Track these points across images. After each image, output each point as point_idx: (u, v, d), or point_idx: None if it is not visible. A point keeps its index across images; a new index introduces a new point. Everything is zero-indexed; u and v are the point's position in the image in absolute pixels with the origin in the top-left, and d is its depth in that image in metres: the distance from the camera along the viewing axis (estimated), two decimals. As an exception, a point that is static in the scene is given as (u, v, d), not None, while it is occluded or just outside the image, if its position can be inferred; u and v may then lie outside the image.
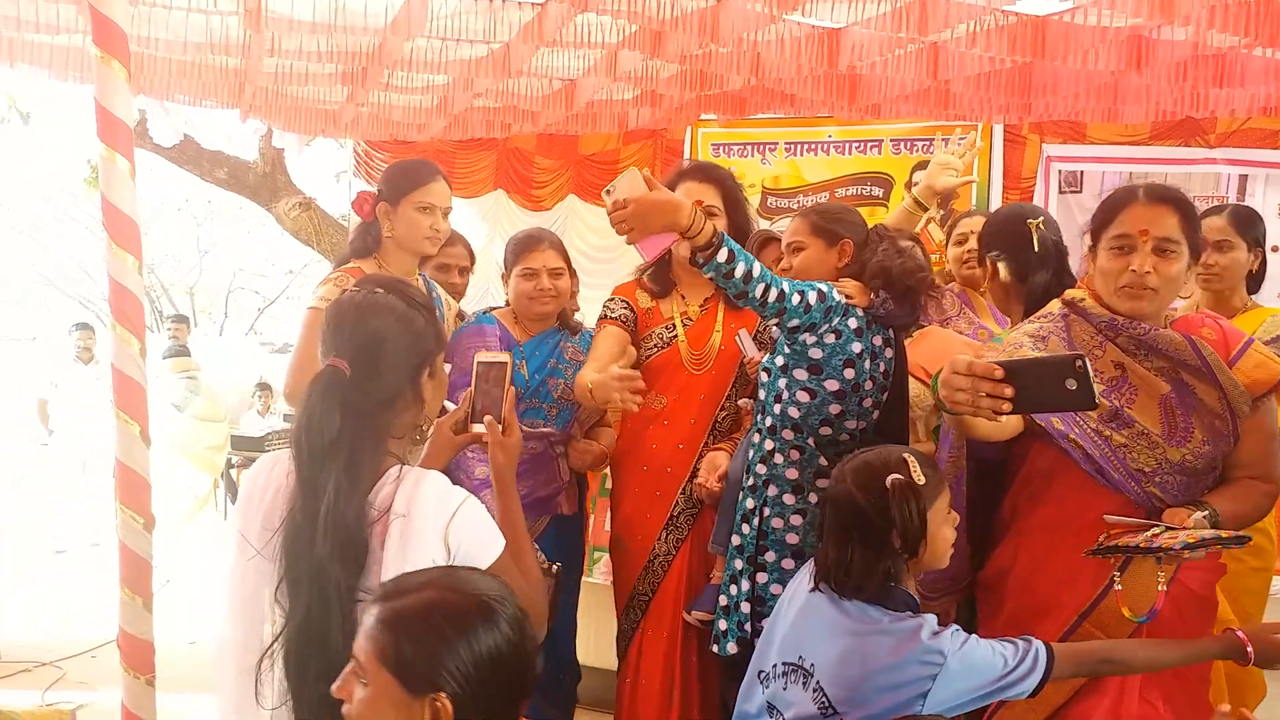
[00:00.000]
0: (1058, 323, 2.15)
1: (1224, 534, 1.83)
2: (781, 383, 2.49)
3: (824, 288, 2.40)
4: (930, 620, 1.82)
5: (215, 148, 7.98)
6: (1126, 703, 2.00)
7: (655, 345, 2.87)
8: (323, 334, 1.71)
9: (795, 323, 2.37)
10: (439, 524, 1.59)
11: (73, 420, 7.30)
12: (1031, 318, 2.23)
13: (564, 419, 2.96)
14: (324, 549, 1.54)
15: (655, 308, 2.90)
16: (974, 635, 1.83)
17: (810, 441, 2.48)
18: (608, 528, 3.32)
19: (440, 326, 1.80)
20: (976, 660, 1.79)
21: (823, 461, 2.48)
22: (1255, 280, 3.00)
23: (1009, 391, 1.64)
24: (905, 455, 1.86)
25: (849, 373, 2.43)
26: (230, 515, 1.99)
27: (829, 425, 2.46)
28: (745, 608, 2.51)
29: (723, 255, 2.19)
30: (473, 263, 3.57)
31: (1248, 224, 2.94)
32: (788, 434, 2.50)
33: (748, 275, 2.22)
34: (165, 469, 5.47)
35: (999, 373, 1.64)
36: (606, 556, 3.58)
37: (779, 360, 2.50)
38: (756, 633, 2.44)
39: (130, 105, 2.51)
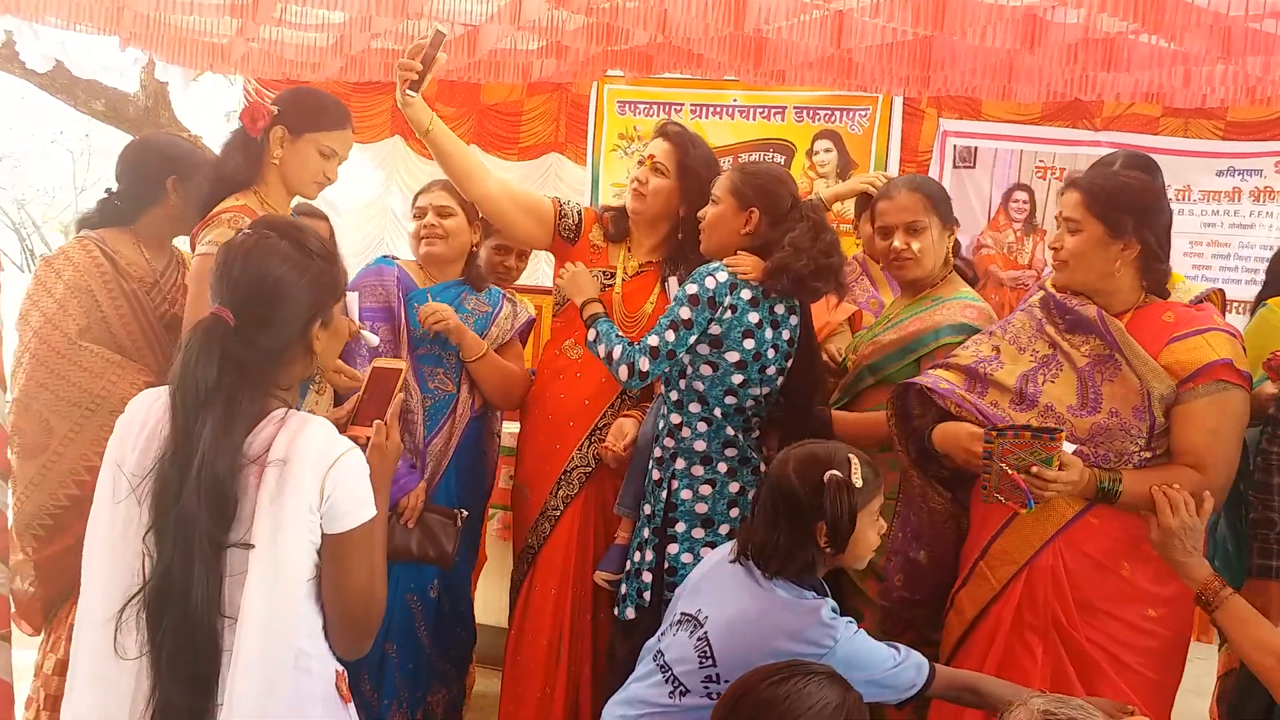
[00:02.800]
0: (1033, 310, 2.32)
1: (1033, 425, 2.07)
2: (685, 357, 2.48)
3: (695, 290, 2.40)
4: (830, 604, 1.90)
5: (91, 76, 7.52)
6: None
7: None
8: (210, 279, 1.63)
9: (696, 337, 2.44)
10: (318, 470, 1.54)
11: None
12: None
13: (459, 367, 2.90)
14: (193, 501, 1.48)
15: (604, 249, 2.86)
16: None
17: (717, 412, 2.49)
18: (503, 485, 3.29)
19: (337, 274, 1.73)
20: (865, 650, 1.88)
21: (729, 431, 2.49)
22: None
23: None
24: (850, 455, 1.93)
25: (749, 343, 2.44)
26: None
27: (733, 394, 2.47)
28: (646, 577, 2.53)
29: (590, 334, 2.47)
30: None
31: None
32: (694, 406, 2.51)
33: (607, 356, 2.44)
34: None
35: None
36: (500, 514, 3.56)
37: None
38: (665, 602, 2.44)
39: (-8, 21, 2.32)
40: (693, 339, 2.42)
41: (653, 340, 2.42)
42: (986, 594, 2.23)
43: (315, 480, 1.54)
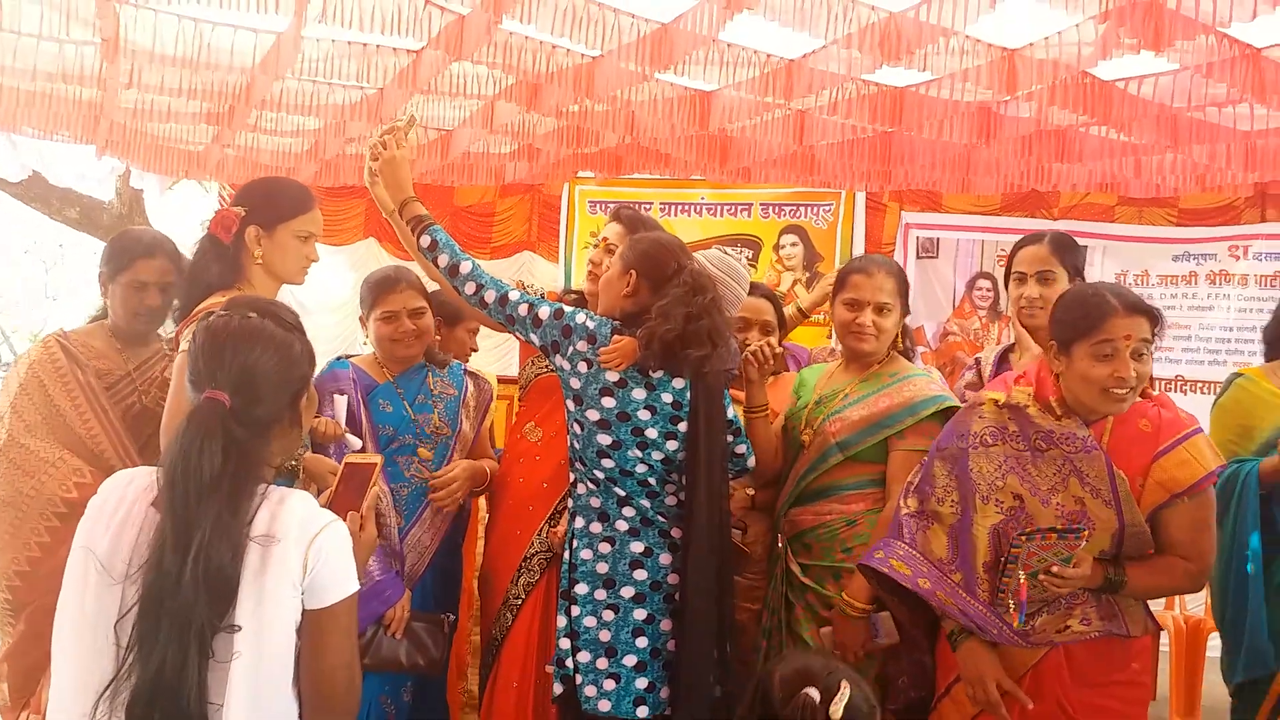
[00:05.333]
0: (995, 428, 2.27)
1: (1058, 527, 2.07)
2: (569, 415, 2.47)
3: (567, 310, 2.41)
4: None
5: (67, 185, 7.58)
6: None
7: (547, 365, 2.82)
8: (193, 365, 1.62)
9: (534, 339, 2.44)
10: (301, 543, 1.53)
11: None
12: (972, 409, 2.32)
13: (440, 455, 2.88)
14: (191, 591, 1.45)
15: None
16: None
17: (597, 474, 2.42)
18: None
19: (311, 346, 1.75)
20: None
21: (620, 492, 2.41)
22: None
23: None
24: (844, 681, 1.67)
25: (608, 401, 2.36)
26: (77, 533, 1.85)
27: (607, 457, 2.39)
28: (565, 644, 2.44)
29: (425, 240, 2.48)
30: None
31: (1070, 252, 2.74)
32: (578, 465, 2.47)
33: (453, 268, 2.45)
34: None
35: None
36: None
37: None
38: (578, 668, 2.40)
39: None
40: (530, 333, 2.43)
41: (513, 296, 2.45)
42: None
43: (298, 554, 1.52)
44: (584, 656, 2.40)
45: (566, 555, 2.48)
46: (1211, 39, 2.97)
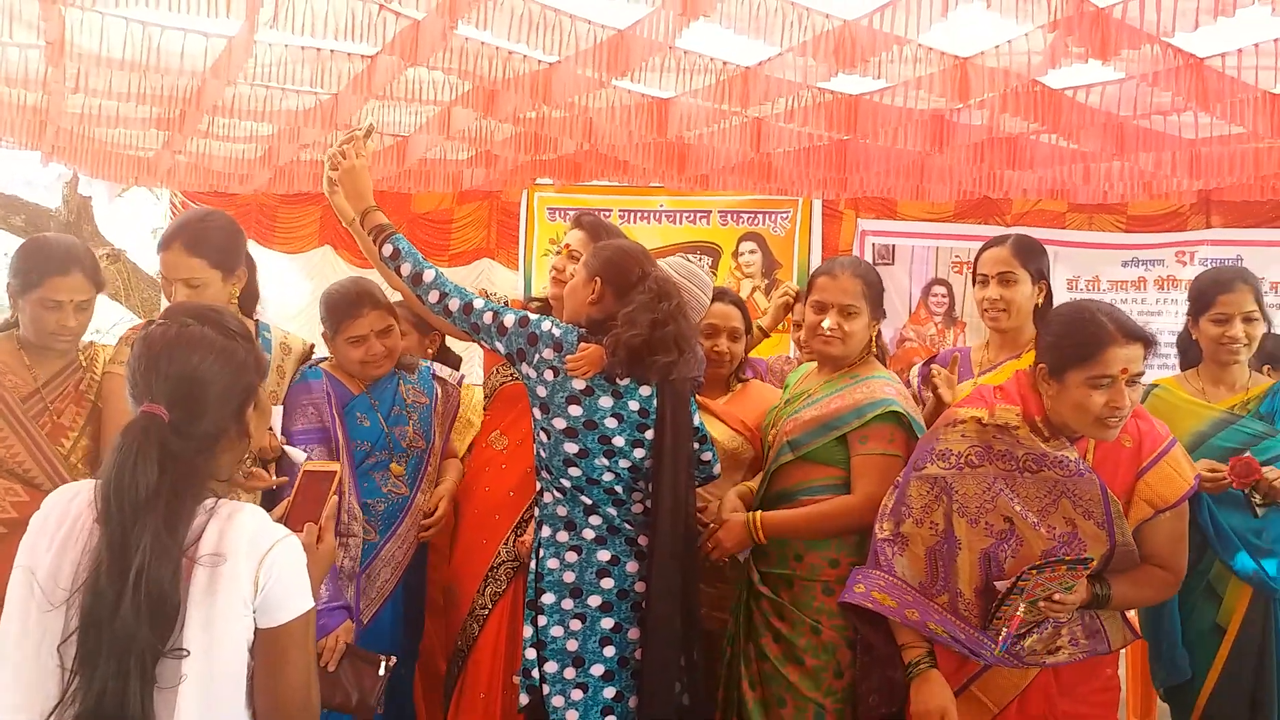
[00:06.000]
0: (980, 447, 2.21)
1: (1067, 558, 2.04)
2: (535, 424, 2.46)
3: (532, 318, 2.41)
4: None
5: (12, 192, 7.43)
6: None
7: (512, 373, 2.80)
8: (130, 378, 1.56)
9: (500, 348, 2.43)
10: (251, 560, 1.47)
11: None
12: (952, 427, 2.26)
13: (412, 470, 2.83)
14: (131, 616, 1.39)
15: None
16: None
17: (564, 482, 2.41)
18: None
19: (261, 354, 1.68)
20: None
21: (587, 500, 2.40)
22: (1042, 315, 2.70)
23: None
24: None
25: (574, 409, 2.36)
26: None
27: (574, 466, 2.39)
28: (531, 654, 2.42)
29: (387, 250, 2.47)
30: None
31: (1032, 255, 2.74)
32: (545, 474, 2.46)
33: (416, 277, 2.44)
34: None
35: None
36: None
37: None
38: (545, 679, 2.38)
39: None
40: (495, 341, 2.43)
41: (477, 304, 2.43)
42: (982, 717, 2.20)
43: (249, 571, 1.47)
44: (551, 666, 2.38)
45: (533, 564, 2.46)
46: (1156, 48, 3.04)
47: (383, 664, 2.41)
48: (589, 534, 2.41)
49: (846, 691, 2.41)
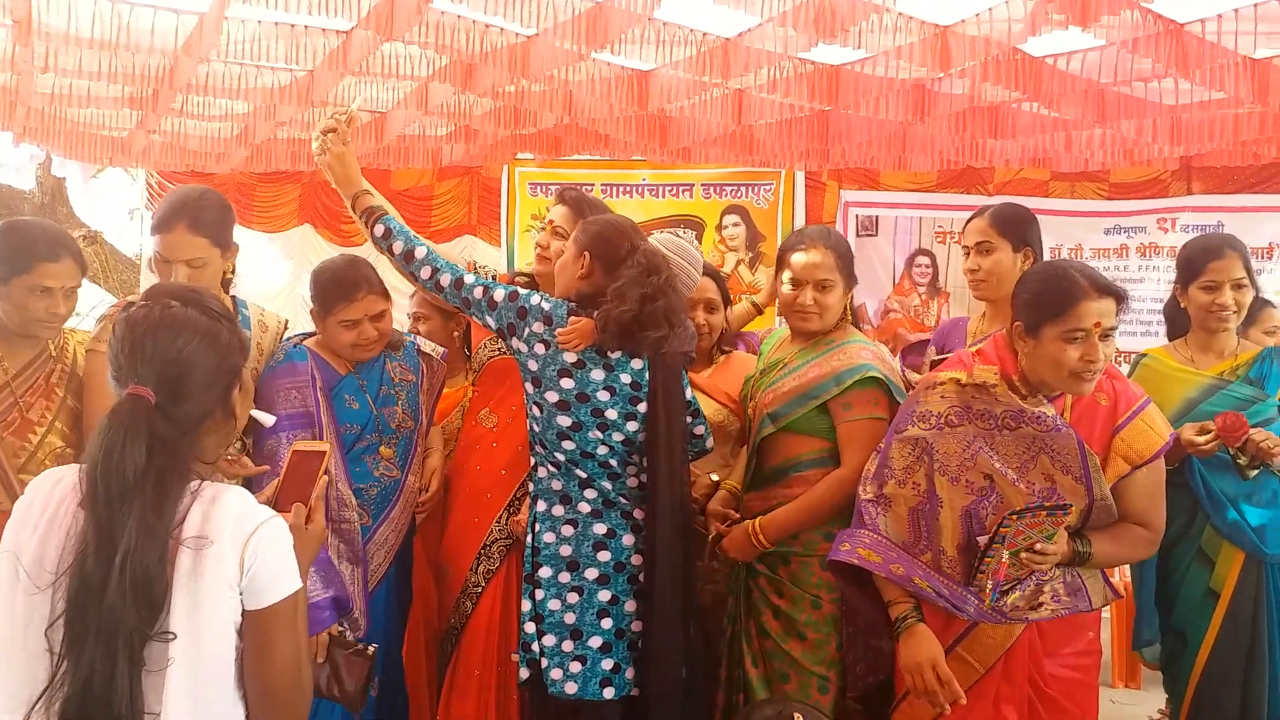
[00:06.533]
0: (959, 407, 2.24)
1: (1046, 504, 2.08)
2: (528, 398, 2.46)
3: (522, 292, 2.40)
4: None
5: (-15, 175, 7.32)
6: None
7: (500, 348, 2.79)
8: (114, 360, 1.54)
9: (490, 323, 2.43)
10: (236, 542, 1.46)
11: None
12: (931, 389, 2.29)
13: (402, 451, 2.79)
14: (118, 599, 1.39)
15: None
16: None
17: (558, 456, 2.41)
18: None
19: (244, 335, 1.68)
20: None
21: (581, 474, 2.41)
22: None
23: None
24: (797, 713, 1.86)
25: (566, 382, 2.36)
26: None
27: (568, 439, 2.39)
28: (530, 627, 2.43)
29: (379, 230, 2.51)
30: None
31: (1011, 224, 2.71)
32: (539, 449, 2.46)
33: (408, 255, 2.47)
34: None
35: None
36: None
37: None
38: (543, 652, 2.39)
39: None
40: (486, 316, 2.43)
41: (468, 279, 2.44)
42: (969, 677, 2.20)
43: (234, 553, 1.46)
44: (549, 640, 2.39)
45: (529, 539, 2.46)
46: (1136, 14, 3.03)
47: (366, 653, 2.41)
48: (585, 507, 2.42)
49: (837, 664, 2.44)
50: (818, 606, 2.46)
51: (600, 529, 2.42)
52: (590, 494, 2.42)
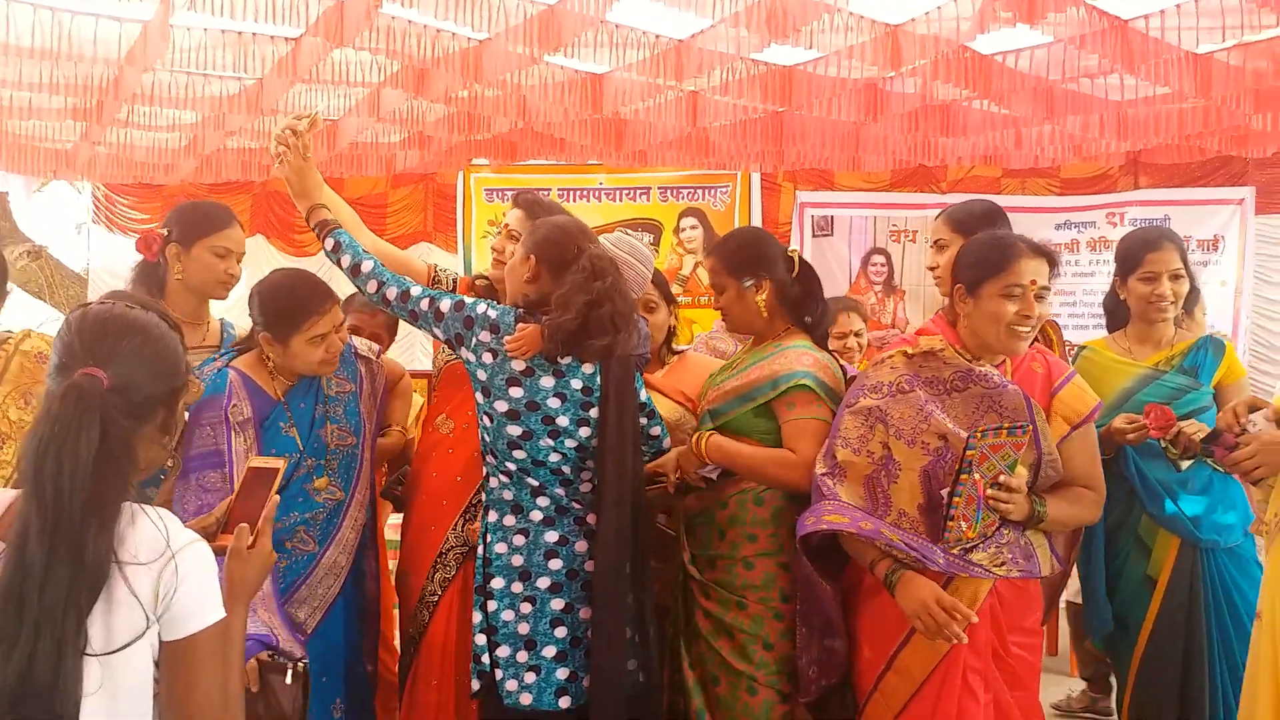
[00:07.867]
0: (908, 375, 2.32)
1: (1005, 424, 2.17)
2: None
3: (468, 301, 2.37)
4: None
5: (-77, 190, 7.14)
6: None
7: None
8: (66, 349, 1.47)
9: (438, 334, 2.41)
10: (152, 567, 1.38)
11: None
12: (879, 365, 2.37)
13: (344, 469, 2.67)
14: (60, 591, 1.31)
15: None
16: None
17: (509, 465, 2.38)
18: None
19: (186, 359, 1.60)
20: None
21: (533, 482, 2.38)
22: None
23: None
24: None
25: (515, 391, 2.33)
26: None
27: (519, 449, 2.36)
28: (481, 639, 2.39)
29: (329, 244, 2.50)
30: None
31: (965, 222, 2.66)
32: (490, 459, 2.42)
33: (355, 268, 2.45)
34: None
35: None
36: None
37: None
38: (497, 663, 2.36)
39: None
40: (434, 328, 2.40)
41: (414, 291, 2.41)
42: (937, 653, 2.21)
43: (149, 579, 1.37)
44: (503, 651, 2.36)
45: (480, 550, 2.42)
46: (1082, 11, 3.07)
47: (288, 670, 2.27)
48: (536, 515, 2.39)
49: (778, 663, 2.43)
50: (743, 607, 2.44)
51: (552, 537, 2.39)
52: (543, 501, 2.39)
